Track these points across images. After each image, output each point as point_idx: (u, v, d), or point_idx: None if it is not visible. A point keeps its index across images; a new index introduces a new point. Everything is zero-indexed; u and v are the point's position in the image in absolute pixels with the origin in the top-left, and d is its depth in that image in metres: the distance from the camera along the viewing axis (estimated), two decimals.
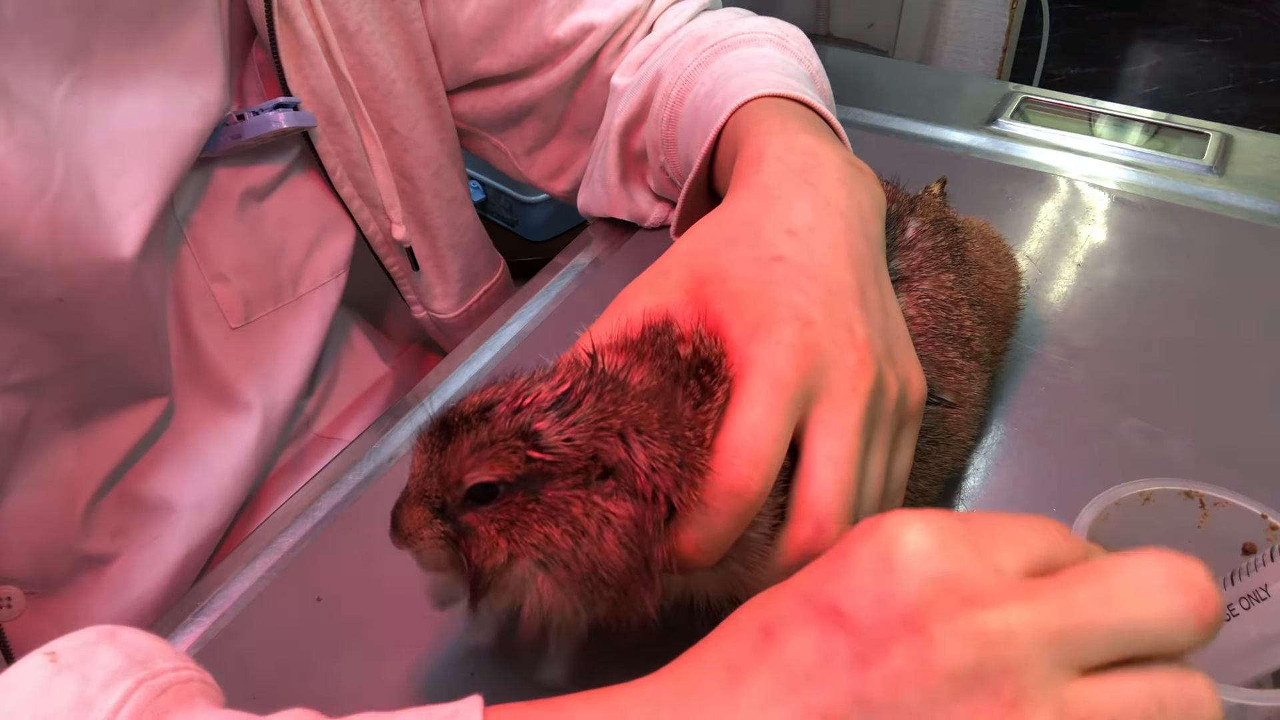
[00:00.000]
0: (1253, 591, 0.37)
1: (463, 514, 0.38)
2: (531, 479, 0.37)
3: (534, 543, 0.38)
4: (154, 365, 0.63)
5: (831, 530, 0.39)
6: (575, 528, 0.37)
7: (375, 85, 0.70)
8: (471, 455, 0.38)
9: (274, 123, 0.64)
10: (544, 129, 0.80)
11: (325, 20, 0.66)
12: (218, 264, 0.66)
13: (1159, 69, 3.03)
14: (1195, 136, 0.91)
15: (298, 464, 0.73)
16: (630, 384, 0.39)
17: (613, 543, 0.37)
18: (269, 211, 0.69)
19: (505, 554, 0.38)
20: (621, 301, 0.44)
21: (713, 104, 0.60)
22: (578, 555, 0.37)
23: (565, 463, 0.37)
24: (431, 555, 0.40)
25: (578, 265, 0.77)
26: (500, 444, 0.37)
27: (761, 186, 0.47)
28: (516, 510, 0.38)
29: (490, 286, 0.87)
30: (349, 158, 0.71)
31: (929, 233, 0.55)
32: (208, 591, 0.53)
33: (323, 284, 0.73)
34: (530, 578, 0.38)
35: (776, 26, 0.71)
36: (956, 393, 0.51)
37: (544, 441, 0.37)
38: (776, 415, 0.38)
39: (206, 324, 0.66)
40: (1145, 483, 0.43)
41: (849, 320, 0.42)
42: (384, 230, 0.75)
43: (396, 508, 0.40)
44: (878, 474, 0.42)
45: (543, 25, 0.72)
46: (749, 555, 0.40)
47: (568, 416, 0.38)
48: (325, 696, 0.47)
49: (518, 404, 0.38)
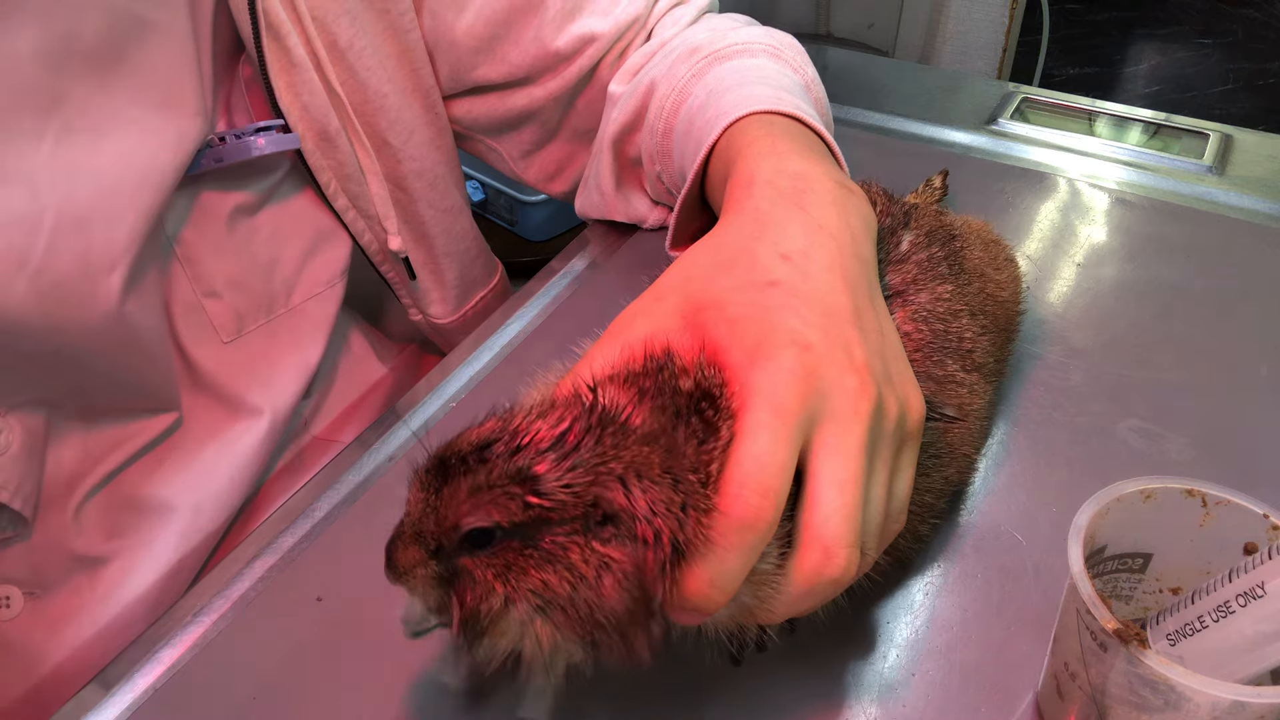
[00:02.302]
0: (1250, 589, 0.37)
1: (458, 557, 0.38)
2: (529, 525, 0.37)
3: (531, 588, 0.37)
4: (157, 384, 0.63)
5: (840, 554, 0.39)
6: (573, 574, 0.37)
7: (368, 100, 0.70)
8: (469, 499, 0.37)
9: (254, 148, 0.63)
10: (542, 134, 0.80)
11: (316, 37, 0.65)
12: (210, 280, 0.66)
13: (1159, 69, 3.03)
14: (1195, 136, 0.91)
15: (296, 466, 0.73)
16: (631, 425, 0.38)
17: (611, 588, 0.37)
18: (261, 226, 0.69)
19: (501, 599, 0.37)
20: (619, 326, 0.44)
21: (706, 118, 0.61)
22: (575, 601, 0.37)
23: (564, 509, 0.37)
24: (423, 594, 0.39)
25: (575, 267, 0.77)
26: (498, 489, 0.37)
27: (754, 211, 0.48)
28: (513, 555, 0.37)
29: (488, 291, 0.87)
30: (342, 171, 0.70)
31: (923, 244, 0.55)
32: (208, 591, 0.53)
33: (317, 294, 0.73)
34: (529, 622, 0.38)
35: (771, 36, 0.71)
36: (959, 406, 0.51)
37: (543, 487, 0.37)
38: (781, 444, 0.38)
39: (199, 339, 0.66)
40: (1147, 480, 0.43)
41: (847, 343, 0.42)
42: (379, 240, 0.75)
43: (391, 543, 0.39)
44: (881, 495, 0.42)
45: (542, 36, 0.72)
46: (758, 585, 0.40)
47: (567, 459, 0.37)
48: (325, 696, 0.47)
49: (516, 444, 0.37)
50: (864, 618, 0.50)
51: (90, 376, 0.59)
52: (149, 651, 0.50)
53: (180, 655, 0.50)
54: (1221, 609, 0.38)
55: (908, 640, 0.49)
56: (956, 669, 0.47)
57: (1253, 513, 0.42)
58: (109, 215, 0.56)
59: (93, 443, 0.62)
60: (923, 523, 0.50)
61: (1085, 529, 0.41)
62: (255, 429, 0.68)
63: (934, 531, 0.53)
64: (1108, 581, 0.46)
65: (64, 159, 0.54)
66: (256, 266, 0.68)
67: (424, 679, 0.48)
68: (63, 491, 0.61)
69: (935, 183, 0.67)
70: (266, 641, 0.51)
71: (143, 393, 0.62)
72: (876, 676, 0.47)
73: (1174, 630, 0.40)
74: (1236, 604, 0.38)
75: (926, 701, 0.46)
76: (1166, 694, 0.37)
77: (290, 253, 0.71)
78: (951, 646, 0.48)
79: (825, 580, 0.39)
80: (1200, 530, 0.43)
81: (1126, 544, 0.45)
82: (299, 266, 0.71)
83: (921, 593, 0.51)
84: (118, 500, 0.64)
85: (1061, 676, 0.42)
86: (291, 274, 0.71)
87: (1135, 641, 0.37)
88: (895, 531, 0.44)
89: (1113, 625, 0.38)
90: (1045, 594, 0.51)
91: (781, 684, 0.47)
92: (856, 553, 0.39)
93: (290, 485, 0.69)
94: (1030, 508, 0.55)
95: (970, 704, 0.46)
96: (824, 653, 0.48)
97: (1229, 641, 0.38)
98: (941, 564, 0.53)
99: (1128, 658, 0.37)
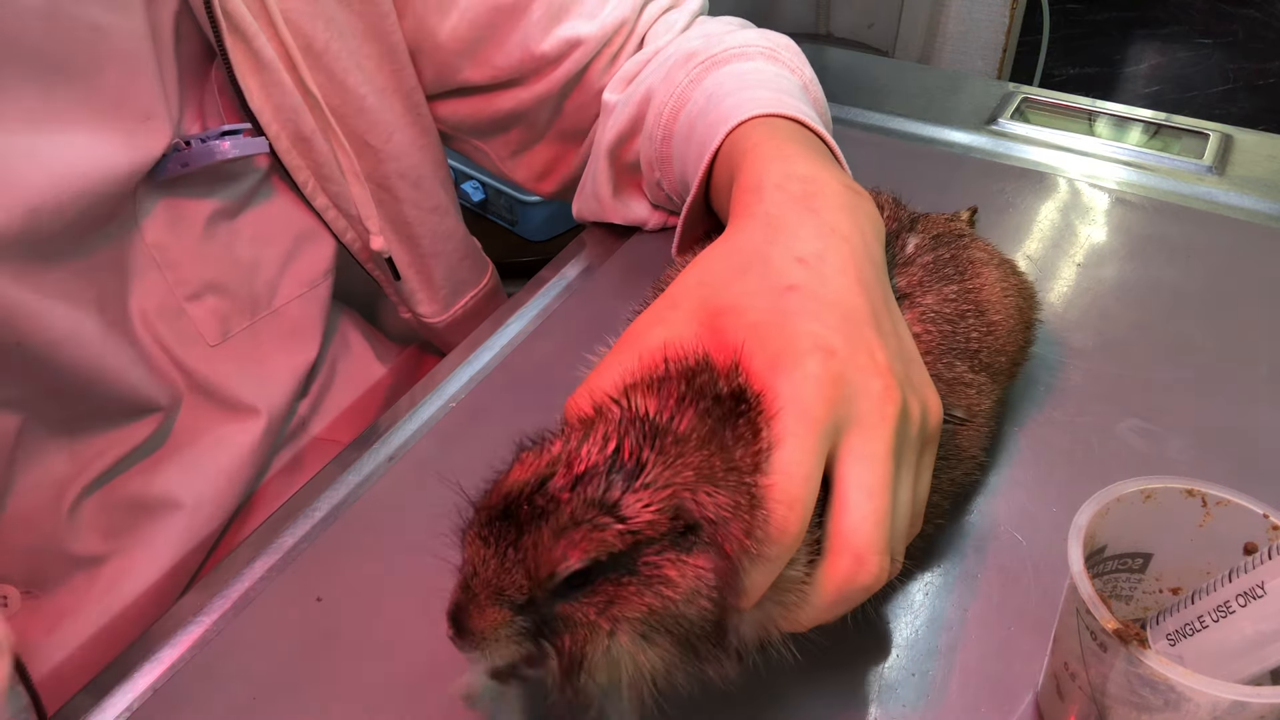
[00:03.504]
0: (1250, 589, 0.37)
1: (554, 605, 0.36)
2: (624, 553, 0.36)
3: (635, 616, 0.36)
4: (134, 386, 0.62)
5: (872, 561, 0.38)
6: (672, 590, 0.36)
7: (346, 101, 0.69)
8: (560, 542, 0.35)
9: (218, 152, 0.63)
10: (529, 135, 0.79)
11: (289, 38, 0.64)
12: (191, 284, 0.65)
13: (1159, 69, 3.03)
14: (1195, 136, 0.91)
15: (295, 466, 0.73)
16: (683, 433, 0.37)
17: (706, 598, 0.36)
18: (241, 229, 0.68)
19: (606, 634, 0.36)
20: (634, 335, 0.44)
21: (707, 123, 0.60)
22: (676, 618, 0.36)
23: (651, 527, 0.36)
24: (507, 654, 0.37)
25: (574, 269, 0.77)
26: (586, 524, 0.35)
27: (765, 216, 0.47)
28: (612, 588, 0.36)
29: (478, 291, 0.86)
30: (320, 171, 0.70)
31: (929, 247, 0.55)
32: (208, 592, 0.53)
33: (301, 295, 0.72)
34: (636, 650, 0.36)
35: (766, 38, 0.71)
36: (967, 408, 0.51)
37: (628, 511, 0.35)
38: (808, 452, 0.38)
39: (185, 342, 0.66)
40: (1147, 480, 0.43)
41: (869, 347, 0.42)
42: (362, 239, 0.74)
43: (460, 610, 0.37)
44: (907, 499, 0.42)
45: (528, 39, 0.72)
46: (786, 594, 0.39)
47: (637, 477, 0.36)
48: (325, 696, 0.47)
49: (574, 474, 0.36)
50: (864, 618, 0.50)
51: (61, 378, 0.58)
52: (149, 651, 0.50)
53: (180, 655, 0.50)
54: (1221, 609, 0.38)
55: (908, 640, 0.49)
56: (956, 669, 0.47)
57: (1253, 513, 0.42)
58: (39, 210, 0.54)
59: (79, 448, 0.61)
60: (929, 524, 0.50)
61: (1085, 529, 0.41)
62: (251, 428, 0.68)
63: (939, 532, 0.53)
64: (1108, 581, 0.46)
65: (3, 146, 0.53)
66: (238, 269, 0.68)
67: (424, 679, 0.48)
68: (53, 494, 0.61)
69: (963, 216, 0.67)
70: (266, 641, 0.51)
71: (117, 396, 0.62)
72: (876, 676, 0.47)
73: (1174, 630, 0.40)
74: (1236, 604, 0.38)
75: (926, 701, 0.46)
76: (1166, 694, 0.37)
77: (272, 254, 0.70)
78: (951, 646, 0.48)
79: (856, 587, 0.39)
80: (1200, 530, 0.43)
81: (1126, 544, 0.45)
82: (281, 268, 0.71)
83: (921, 593, 0.51)
84: (114, 500, 0.64)
85: (1061, 676, 0.42)
86: (274, 275, 0.70)
87: (1135, 641, 0.37)
88: (915, 534, 0.44)
89: (1113, 625, 0.38)
90: (1045, 594, 0.51)
91: (781, 683, 0.47)
92: (887, 559, 0.39)
93: (289, 485, 0.69)
94: (1030, 508, 0.55)
95: (970, 704, 0.46)
96: (824, 652, 0.48)
97: (1229, 641, 0.38)
98: (941, 564, 0.53)
99: (1128, 658, 0.37)
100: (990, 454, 0.58)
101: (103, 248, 0.60)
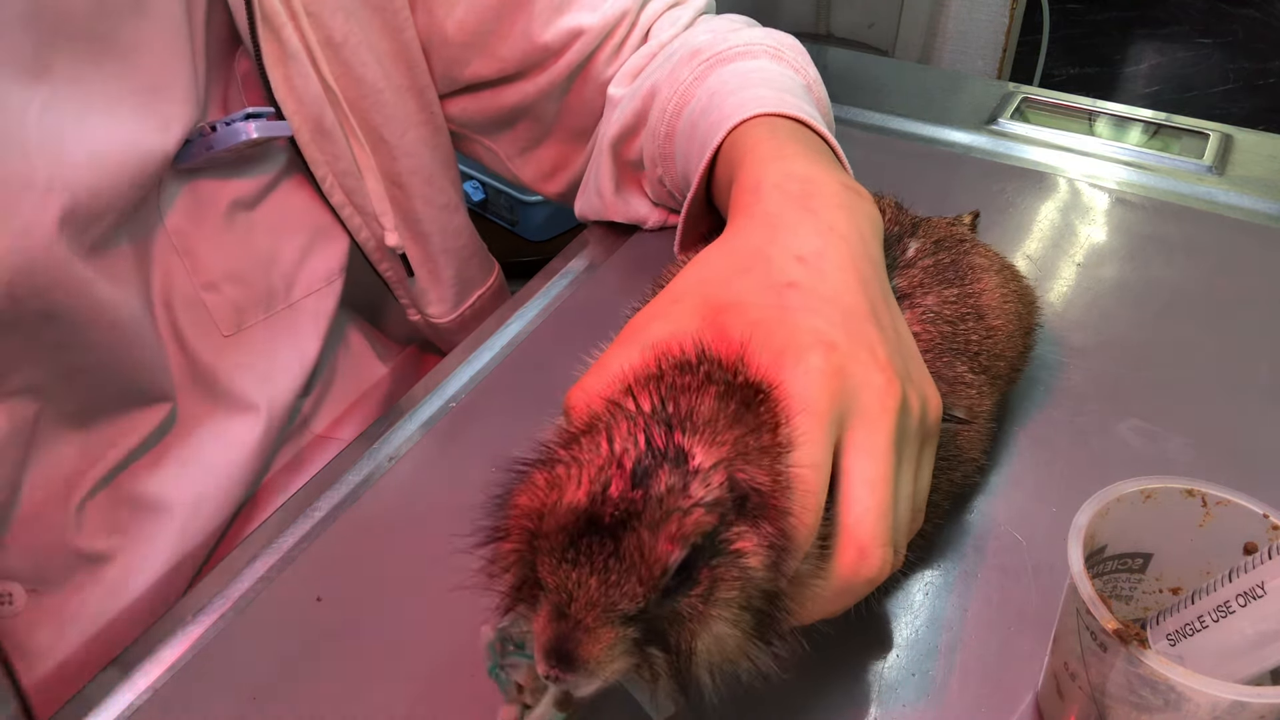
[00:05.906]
0: (1250, 589, 0.37)
1: (664, 605, 0.35)
2: (710, 534, 0.35)
3: (733, 595, 0.36)
4: (151, 373, 0.63)
5: (875, 554, 0.39)
6: (755, 560, 0.36)
7: (363, 95, 0.70)
8: (660, 536, 0.34)
9: (243, 133, 0.63)
10: (536, 131, 0.80)
11: (310, 31, 0.65)
12: (209, 273, 0.66)
13: (1159, 69, 3.03)
14: (1195, 136, 0.91)
15: (296, 464, 0.73)
16: (708, 416, 0.37)
17: (774, 569, 0.36)
18: (259, 220, 0.69)
19: (712, 620, 0.35)
20: (635, 329, 0.44)
21: (709, 121, 0.61)
22: (760, 592, 0.36)
23: (723, 503, 0.36)
24: (618, 670, 0.35)
25: (575, 268, 0.78)
26: (676, 512, 0.34)
27: (764, 215, 0.48)
28: (709, 571, 0.35)
29: (485, 290, 0.87)
30: (338, 166, 0.71)
31: (930, 251, 0.56)
32: (208, 592, 0.53)
33: (316, 290, 0.73)
34: (731, 631, 0.36)
35: (771, 37, 0.71)
36: (968, 408, 0.52)
37: (696, 493, 0.35)
38: (816, 445, 0.38)
39: (199, 332, 0.66)
40: (1147, 480, 0.43)
41: (870, 341, 0.42)
42: (376, 237, 0.75)
43: (564, 642, 0.34)
44: (908, 493, 0.42)
45: (531, 30, 0.72)
46: (793, 586, 0.39)
47: (687, 461, 0.36)
48: (325, 696, 0.47)
49: (632, 471, 0.35)
50: (864, 617, 0.50)
51: (75, 354, 0.58)
52: (149, 651, 0.50)
53: (180, 655, 0.50)
54: (1221, 609, 0.38)
55: (908, 640, 0.49)
56: (956, 669, 0.47)
57: (1253, 513, 0.42)
58: (93, 187, 0.55)
59: (91, 439, 0.62)
60: (929, 523, 0.50)
61: (1085, 529, 0.41)
62: (253, 425, 0.68)
63: (937, 531, 0.53)
64: (1108, 581, 0.46)
65: (51, 126, 0.54)
66: (255, 260, 0.69)
67: (423, 679, 0.48)
68: (63, 489, 0.61)
69: (965, 221, 0.67)
70: (266, 641, 0.51)
71: (134, 382, 0.62)
72: (876, 676, 0.47)
73: (1174, 630, 0.40)
74: (1236, 604, 0.38)
75: (926, 701, 0.46)
76: (1166, 694, 0.37)
77: (289, 248, 0.71)
78: (951, 646, 0.48)
79: (861, 580, 0.39)
80: (1200, 530, 0.43)
81: (1126, 544, 0.45)
82: (298, 262, 0.71)
83: (921, 593, 0.51)
84: (118, 497, 0.64)
85: (1061, 676, 0.42)
86: (290, 269, 0.71)
87: (1135, 641, 0.37)
88: (916, 528, 0.45)
89: (1113, 625, 0.38)
90: (1045, 594, 0.51)
91: (781, 683, 0.47)
92: (890, 551, 0.40)
93: (290, 484, 0.69)
94: (1030, 508, 0.55)
95: (970, 704, 0.46)
96: (824, 652, 0.48)
97: (1229, 641, 0.38)
98: (941, 564, 0.53)
99: (1128, 658, 0.37)
100: (990, 454, 0.58)
101: (130, 231, 0.60)
